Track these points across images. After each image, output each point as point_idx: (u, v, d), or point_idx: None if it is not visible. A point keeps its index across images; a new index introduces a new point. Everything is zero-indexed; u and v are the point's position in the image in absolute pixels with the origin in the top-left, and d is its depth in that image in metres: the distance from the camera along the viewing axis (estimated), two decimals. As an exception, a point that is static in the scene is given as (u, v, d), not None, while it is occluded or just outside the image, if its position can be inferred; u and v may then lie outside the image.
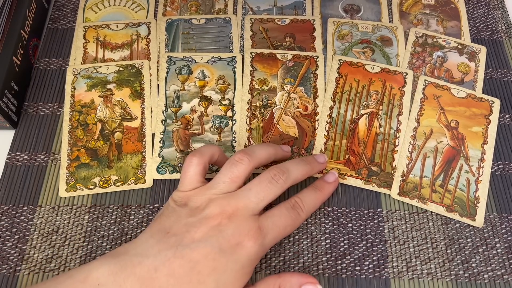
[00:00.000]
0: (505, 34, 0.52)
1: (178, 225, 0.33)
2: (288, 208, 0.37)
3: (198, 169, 0.36)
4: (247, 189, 0.35)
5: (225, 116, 0.45)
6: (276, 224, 0.35)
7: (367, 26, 0.51)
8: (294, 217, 0.36)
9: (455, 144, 0.44)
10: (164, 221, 0.34)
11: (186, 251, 0.31)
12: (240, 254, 0.32)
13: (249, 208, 0.34)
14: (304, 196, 0.38)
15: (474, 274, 0.39)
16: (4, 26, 0.45)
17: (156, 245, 0.32)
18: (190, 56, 0.49)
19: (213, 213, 0.33)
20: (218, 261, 0.31)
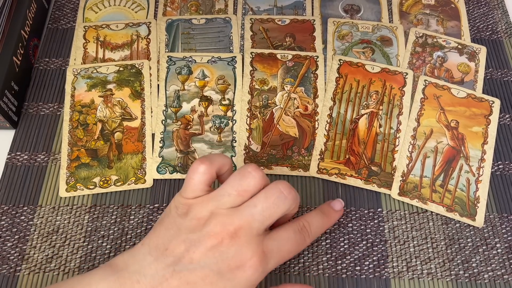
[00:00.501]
0: (505, 34, 0.52)
1: (177, 240, 0.31)
2: (296, 231, 0.34)
3: (204, 178, 0.33)
4: (252, 205, 0.32)
5: (225, 116, 0.45)
6: (281, 249, 0.33)
7: (367, 26, 0.51)
8: (300, 242, 0.35)
9: (455, 144, 0.44)
10: (164, 235, 0.32)
11: (184, 273, 0.30)
12: (240, 279, 0.31)
13: (253, 228, 0.31)
14: (312, 220, 0.36)
15: (474, 274, 0.39)
16: (4, 26, 0.45)
17: (154, 264, 0.31)
18: (190, 56, 0.49)
19: (214, 231, 0.31)
20: (216, 285, 0.30)
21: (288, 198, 0.32)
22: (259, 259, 0.31)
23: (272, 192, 0.32)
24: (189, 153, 0.43)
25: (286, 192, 0.32)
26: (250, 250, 0.31)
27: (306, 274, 0.39)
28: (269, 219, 0.32)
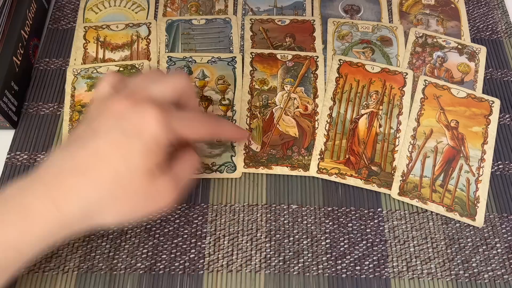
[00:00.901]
0: (505, 34, 0.52)
1: (80, 128, 0.33)
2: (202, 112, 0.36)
3: (108, 82, 0.35)
4: (151, 84, 0.34)
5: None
6: (184, 116, 0.34)
7: (367, 26, 0.51)
8: (206, 119, 0.36)
9: (455, 144, 0.44)
10: (70, 137, 0.34)
11: (88, 143, 0.31)
12: (146, 137, 0.31)
13: (152, 96, 0.33)
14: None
15: (474, 274, 0.39)
16: (4, 26, 0.45)
17: (64, 152, 0.32)
18: (190, 57, 0.49)
19: (114, 106, 0.32)
20: (124, 146, 0.31)
21: (181, 75, 0.36)
22: (159, 110, 0.32)
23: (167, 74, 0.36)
24: (189, 153, 0.43)
25: (178, 74, 0.36)
26: (148, 107, 0.32)
27: (306, 274, 0.39)
28: (168, 89, 0.34)
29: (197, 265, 0.39)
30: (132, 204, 0.32)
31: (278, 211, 0.41)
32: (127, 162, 0.31)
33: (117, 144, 0.31)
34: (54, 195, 0.30)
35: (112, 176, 0.31)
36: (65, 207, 0.30)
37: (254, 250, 0.39)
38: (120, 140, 0.31)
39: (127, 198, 0.32)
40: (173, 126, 0.32)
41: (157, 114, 0.31)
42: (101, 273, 0.38)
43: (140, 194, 0.32)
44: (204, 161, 0.43)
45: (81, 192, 0.31)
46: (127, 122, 0.31)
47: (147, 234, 0.40)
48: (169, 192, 0.33)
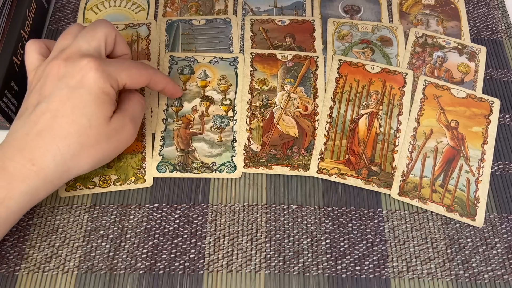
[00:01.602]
0: (505, 34, 0.52)
1: (30, 98, 0.36)
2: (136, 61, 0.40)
3: (33, 50, 0.38)
4: (76, 39, 0.37)
5: (226, 116, 0.45)
6: (120, 63, 0.37)
7: (367, 26, 0.51)
8: (140, 65, 0.39)
9: (455, 144, 0.44)
10: (22, 106, 0.37)
11: (42, 107, 0.34)
12: (89, 85, 0.35)
13: (81, 49, 0.36)
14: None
15: (474, 274, 0.39)
16: (4, 26, 0.45)
17: (24, 119, 0.35)
18: (192, 56, 0.49)
19: (53, 69, 0.35)
20: (74, 98, 0.34)
21: (100, 22, 0.39)
22: (93, 61, 0.35)
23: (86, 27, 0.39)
24: (189, 152, 0.43)
25: (97, 22, 0.39)
26: (85, 59, 0.35)
27: (306, 274, 0.38)
28: (91, 38, 0.37)
29: (197, 265, 0.39)
30: (99, 148, 0.36)
31: (278, 211, 0.41)
32: (81, 110, 0.34)
33: (66, 100, 0.34)
34: (30, 156, 0.34)
35: (74, 128, 0.34)
36: (41, 164, 0.34)
37: (254, 250, 0.39)
38: (68, 95, 0.34)
39: (93, 143, 0.35)
40: (110, 73, 0.36)
41: (91, 62, 0.35)
42: (101, 273, 0.38)
43: (102, 137, 0.36)
44: (204, 161, 0.43)
45: (52, 148, 0.34)
46: (68, 78, 0.35)
47: (147, 234, 0.40)
48: (126, 128, 0.38)
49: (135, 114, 0.39)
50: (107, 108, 0.36)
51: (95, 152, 0.36)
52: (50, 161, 0.34)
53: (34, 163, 0.34)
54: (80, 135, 0.35)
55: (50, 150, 0.34)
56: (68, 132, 0.34)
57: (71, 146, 0.35)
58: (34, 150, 0.34)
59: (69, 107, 0.34)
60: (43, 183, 0.35)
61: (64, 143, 0.34)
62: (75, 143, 0.35)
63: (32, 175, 0.34)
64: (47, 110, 0.34)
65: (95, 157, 0.36)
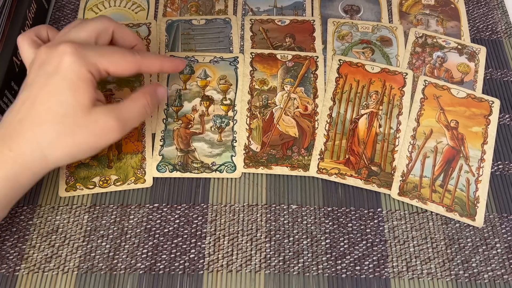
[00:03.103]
0: (505, 34, 0.52)
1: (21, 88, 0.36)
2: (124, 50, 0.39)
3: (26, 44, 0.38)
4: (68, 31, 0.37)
5: (226, 115, 0.45)
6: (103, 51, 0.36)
7: (367, 26, 0.51)
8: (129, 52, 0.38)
9: (455, 144, 0.44)
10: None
11: (24, 95, 0.35)
12: (64, 70, 0.34)
13: (68, 38, 0.36)
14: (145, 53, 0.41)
15: (474, 274, 0.39)
16: (4, 26, 0.45)
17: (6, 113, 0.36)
18: (192, 56, 0.49)
19: (36, 57, 0.36)
20: (50, 85, 0.34)
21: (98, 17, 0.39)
22: (71, 44, 0.35)
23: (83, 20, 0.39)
24: (189, 152, 0.43)
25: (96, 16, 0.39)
26: (61, 47, 0.35)
27: (306, 274, 0.39)
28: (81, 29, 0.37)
29: (197, 265, 0.39)
30: (76, 139, 0.35)
31: (278, 211, 0.41)
32: (56, 97, 0.34)
33: (43, 86, 0.34)
34: (9, 143, 0.34)
35: (50, 115, 0.34)
36: (18, 150, 0.34)
37: (254, 250, 0.39)
38: (45, 81, 0.34)
39: (68, 133, 0.35)
40: (89, 59, 0.35)
41: (68, 48, 0.34)
42: (101, 273, 0.38)
43: (80, 128, 0.35)
44: (204, 160, 0.43)
45: (29, 135, 0.34)
46: (47, 64, 0.35)
47: (147, 234, 0.40)
48: (108, 124, 0.36)
49: (127, 115, 0.37)
50: (84, 96, 0.35)
51: (72, 142, 0.35)
52: (27, 147, 0.34)
53: (12, 149, 0.34)
54: (56, 123, 0.34)
55: (26, 136, 0.34)
56: (44, 119, 0.34)
57: (47, 134, 0.34)
58: (14, 137, 0.34)
59: (45, 93, 0.34)
60: (21, 170, 0.34)
61: (40, 130, 0.34)
62: (50, 131, 0.34)
63: (10, 161, 0.34)
64: (28, 98, 0.35)
65: (72, 148, 0.35)
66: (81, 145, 0.36)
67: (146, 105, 0.39)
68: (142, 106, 0.38)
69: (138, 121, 0.39)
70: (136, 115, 0.38)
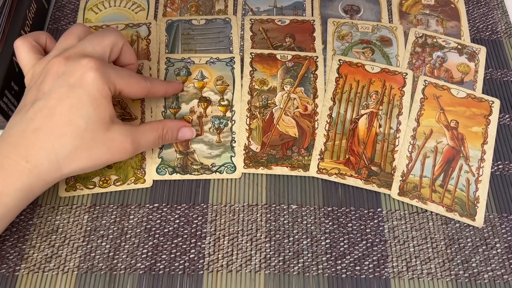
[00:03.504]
0: (505, 34, 0.52)
1: (28, 94, 0.36)
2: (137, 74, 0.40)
3: (25, 48, 0.38)
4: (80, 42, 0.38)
5: (224, 116, 0.45)
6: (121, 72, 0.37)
7: (367, 26, 0.51)
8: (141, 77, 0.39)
9: (455, 144, 0.44)
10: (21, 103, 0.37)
11: (40, 104, 0.34)
12: (87, 84, 0.35)
13: (85, 50, 0.37)
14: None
15: (474, 274, 0.39)
16: (4, 26, 0.45)
17: (22, 116, 0.35)
18: (188, 58, 0.49)
19: (54, 66, 0.35)
20: (72, 97, 0.34)
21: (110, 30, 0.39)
22: (93, 62, 0.35)
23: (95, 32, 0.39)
24: (188, 154, 0.43)
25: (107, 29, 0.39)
26: (85, 59, 0.35)
27: (306, 274, 0.39)
28: (97, 44, 0.37)
29: (197, 265, 0.39)
30: (91, 154, 0.36)
31: (278, 211, 0.41)
32: (79, 111, 0.34)
33: (65, 98, 0.34)
34: (24, 153, 0.34)
35: (70, 128, 0.34)
36: (35, 161, 0.34)
37: (254, 250, 0.39)
38: (66, 93, 0.34)
39: (86, 147, 0.35)
40: (110, 77, 0.36)
41: (93, 64, 0.35)
42: (101, 273, 0.38)
43: (98, 144, 0.35)
44: (204, 162, 0.43)
45: (47, 147, 0.34)
46: (68, 76, 0.35)
47: (147, 234, 0.40)
48: (123, 145, 0.37)
49: (142, 140, 0.38)
50: (104, 112, 0.35)
51: (87, 156, 0.35)
52: (44, 159, 0.34)
53: (28, 160, 0.34)
54: (76, 136, 0.34)
55: (44, 148, 0.34)
56: (64, 132, 0.34)
57: (65, 147, 0.34)
58: (29, 147, 0.34)
59: (67, 105, 0.34)
60: (37, 181, 0.34)
61: (59, 142, 0.34)
62: (69, 144, 0.34)
63: (26, 173, 0.34)
64: (45, 107, 0.34)
65: (87, 162, 0.36)
66: (96, 160, 0.36)
67: (160, 137, 0.40)
68: (157, 138, 0.40)
69: (149, 148, 0.41)
70: (150, 143, 0.40)
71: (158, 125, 0.40)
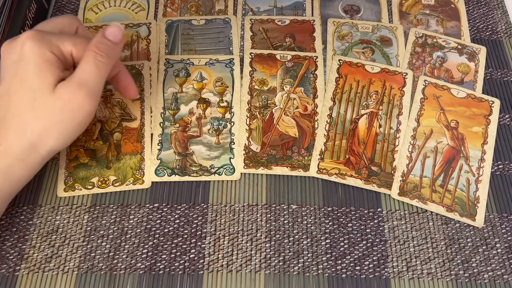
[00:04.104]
0: (505, 34, 0.52)
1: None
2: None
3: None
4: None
5: (223, 118, 0.45)
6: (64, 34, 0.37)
7: (367, 26, 0.51)
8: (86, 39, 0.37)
9: (455, 144, 0.44)
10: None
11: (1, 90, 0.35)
12: (27, 55, 0.34)
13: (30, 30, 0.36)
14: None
15: (474, 274, 0.39)
16: (4, 26, 0.45)
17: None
18: (188, 59, 0.49)
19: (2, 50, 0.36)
20: (19, 73, 0.34)
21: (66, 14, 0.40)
22: (31, 31, 0.35)
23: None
24: (187, 155, 0.43)
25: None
26: (23, 35, 0.35)
27: (306, 274, 0.39)
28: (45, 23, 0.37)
29: (197, 265, 0.39)
30: (54, 122, 0.35)
31: (278, 211, 0.41)
32: (26, 83, 0.34)
33: (14, 75, 0.35)
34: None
35: (24, 103, 0.34)
36: (6, 143, 0.34)
37: (254, 250, 0.39)
38: (14, 70, 0.35)
39: (45, 117, 0.35)
40: (50, 41, 0.35)
41: (28, 34, 0.35)
42: (101, 273, 0.38)
43: (52, 109, 0.35)
44: (203, 163, 0.43)
45: (12, 127, 0.34)
46: (12, 54, 0.35)
47: (147, 234, 0.40)
48: (75, 95, 0.35)
49: (85, 77, 0.35)
50: (48, 76, 0.34)
51: (52, 126, 0.35)
52: (13, 139, 0.34)
53: (1, 143, 0.34)
54: (31, 108, 0.34)
55: (11, 128, 0.35)
56: (21, 108, 0.34)
57: (27, 122, 0.34)
58: (1, 132, 0.35)
59: (16, 82, 0.35)
60: (14, 162, 0.35)
61: (20, 120, 0.34)
62: (30, 118, 0.34)
63: (2, 155, 0.34)
64: (4, 92, 0.35)
65: (55, 132, 0.35)
66: (61, 125, 0.35)
67: (95, 57, 0.36)
68: (93, 60, 0.36)
69: (101, 77, 0.36)
70: (95, 73, 0.36)
71: (86, 51, 0.36)
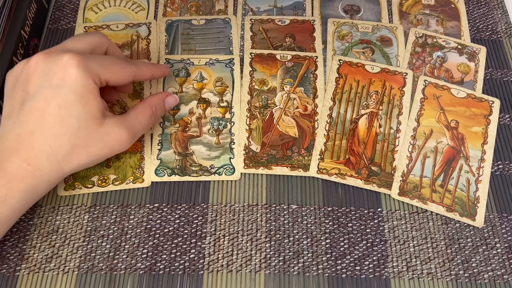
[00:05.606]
0: (505, 34, 0.52)
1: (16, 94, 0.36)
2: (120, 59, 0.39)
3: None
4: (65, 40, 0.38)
5: (223, 118, 0.45)
6: (102, 60, 0.37)
7: (367, 26, 0.51)
8: (125, 64, 0.38)
9: (455, 144, 0.44)
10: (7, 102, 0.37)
11: (29, 106, 0.34)
12: (71, 83, 0.34)
13: (65, 47, 0.36)
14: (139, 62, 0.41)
15: (474, 274, 0.39)
16: (4, 26, 0.45)
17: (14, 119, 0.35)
18: (188, 59, 0.49)
19: (32, 63, 0.35)
20: (58, 98, 0.34)
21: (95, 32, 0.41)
22: (75, 56, 0.35)
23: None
24: (187, 155, 0.43)
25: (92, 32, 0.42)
26: (65, 56, 0.35)
27: (306, 274, 0.39)
28: (79, 40, 0.38)
29: (197, 265, 0.39)
30: (90, 150, 0.36)
31: (278, 211, 0.41)
32: (68, 110, 0.34)
33: (51, 98, 0.34)
34: (25, 156, 0.34)
35: (64, 129, 0.34)
36: (36, 164, 0.34)
37: (254, 250, 0.39)
38: (52, 94, 0.34)
39: (84, 145, 0.35)
40: (93, 70, 0.35)
41: (73, 61, 0.34)
42: (101, 273, 0.38)
43: (94, 140, 0.36)
44: (203, 163, 0.43)
45: (45, 149, 0.34)
46: (50, 76, 0.34)
47: (147, 234, 0.40)
48: (120, 135, 0.37)
49: (136, 124, 0.38)
50: (94, 107, 0.35)
51: (86, 153, 0.36)
52: (44, 161, 0.34)
53: (30, 163, 0.34)
54: (70, 135, 0.35)
55: (43, 150, 0.34)
56: (58, 132, 0.34)
57: (62, 147, 0.35)
58: (28, 150, 0.34)
59: (55, 106, 0.34)
60: (40, 182, 0.35)
61: (55, 143, 0.34)
62: (66, 144, 0.35)
63: (30, 175, 0.34)
64: (35, 109, 0.34)
65: (87, 158, 0.36)
66: (95, 155, 0.36)
67: (152, 115, 0.40)
68: (148, 117, 0.39)
69: (145, 130, 0.40)
70: (144, 125, 0.39)
71: (145, 105, 0.40)
